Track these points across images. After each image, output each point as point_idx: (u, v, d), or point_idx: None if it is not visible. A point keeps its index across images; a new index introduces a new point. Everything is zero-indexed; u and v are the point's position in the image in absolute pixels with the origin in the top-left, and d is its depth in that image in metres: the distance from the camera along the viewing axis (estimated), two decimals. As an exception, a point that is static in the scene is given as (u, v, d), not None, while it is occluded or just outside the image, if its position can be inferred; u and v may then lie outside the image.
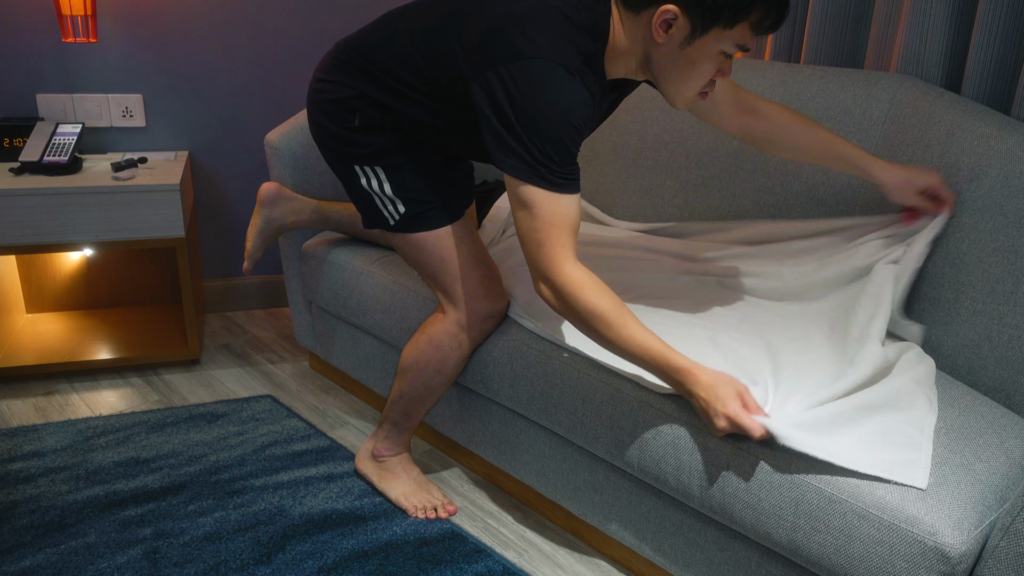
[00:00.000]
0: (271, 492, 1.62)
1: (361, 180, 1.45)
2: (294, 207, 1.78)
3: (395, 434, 1.60)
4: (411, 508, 1.57)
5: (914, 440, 1.11)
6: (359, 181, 1.45)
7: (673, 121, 1.90)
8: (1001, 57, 1.53)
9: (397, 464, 1.62)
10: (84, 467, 1.67)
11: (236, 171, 2.38)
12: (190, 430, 1.82)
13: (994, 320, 1.33)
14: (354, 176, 1.45)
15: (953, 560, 0.97)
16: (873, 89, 1.61)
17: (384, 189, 1.44)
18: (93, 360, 2.04)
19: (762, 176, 1.74)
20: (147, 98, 2.22)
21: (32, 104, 2.12)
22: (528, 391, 1.43)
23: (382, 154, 1.42)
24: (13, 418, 1.85)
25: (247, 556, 1.44)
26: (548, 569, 1.47)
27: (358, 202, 1.49)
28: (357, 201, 1.50)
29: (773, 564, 1.19)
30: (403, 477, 1.61)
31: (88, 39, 2.00)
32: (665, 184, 1.92)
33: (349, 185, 1.48)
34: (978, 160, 1.40)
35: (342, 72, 1.40)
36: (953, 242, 1.41)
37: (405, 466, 1.63)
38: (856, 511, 1.04)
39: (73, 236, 1.91)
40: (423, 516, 1.57)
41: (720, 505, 1.18)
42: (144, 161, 2.09)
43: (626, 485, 1.37)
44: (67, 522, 1.50)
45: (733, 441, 1.16)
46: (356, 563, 1.43)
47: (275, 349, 2.27)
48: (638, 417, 1.26)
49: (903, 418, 1.15)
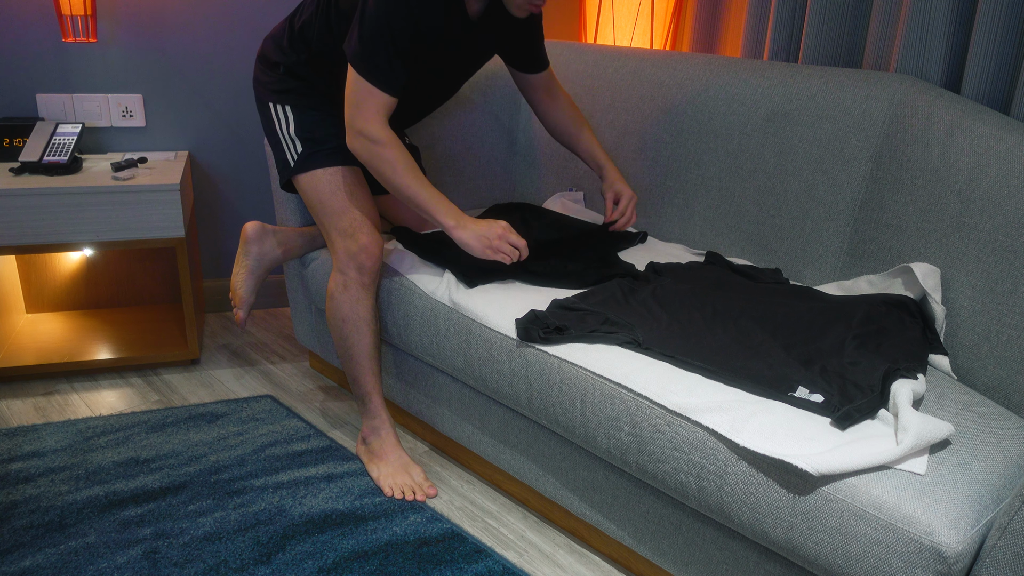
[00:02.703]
0: (271, 492, 1.62)
1: (275, 123, 1.69)
2: (281, 238, 1.82)
3: (364, 408, 1.70)
4: (387, 488, 1.63)
5: None
6: (273, 126, 1.69)
7: (673, 121, 1.90)
8: (1001, 57, 1.53)
9: (380, 446, 1.69)
10: (84, 467, 1.67)
11: (236, 171, 2.38)
12: (190, 430, 1.82)
13: (994, 320, 1.33)
14: (270, 118, 1.70)
15: (950, 559, 0.97)
16: (873, 89, 1.61)
17: (289, 130, 1.67)
18: (93, 360, 2.04)
19: (762, 176, 1.74)
20: (147, 98, 2.22)
21: (32, 104, 2.13)
22: (527, 390, 1.43)
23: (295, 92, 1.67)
24: (13, 418, 1.86)
25: (247, 556, 1.44)
26: (548, 569, 1.48)
27: (274, 152, 1.72)
28: (274, 151, 1.72)
29: (771, 563, 1.19)
30: (385, 459, 1.68)
31: (88, 39, 2.00)
32: (665, 184, 1.92)
33: (268, 131, 1.72)
34: (978, 160, 1.40)
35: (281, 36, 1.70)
36: (953, 242, 1.41)
37: (387, 448, 1.69)
38: (853, 510, 1.04)
39: (73, 236, 1.91)
40: (399, 496, 1.62)
41: (718, 504, 1.18)
42: (144, 161, 2.09)
43: (625, 485, 1.38)
44: (67, 522, 1.50)
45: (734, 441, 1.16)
46: (356, 563, 1.43)
47: (275, 349, 2.27)
48: (636, 417, 1.26)
49: None
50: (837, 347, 1.36)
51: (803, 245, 1.69)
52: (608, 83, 2.04)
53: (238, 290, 1.78)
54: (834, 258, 1.64)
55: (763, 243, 1.75)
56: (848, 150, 1.62)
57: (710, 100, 1.84)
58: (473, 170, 2.16)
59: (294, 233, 1.84)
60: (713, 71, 1.86)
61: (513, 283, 1.60)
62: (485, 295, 1.54)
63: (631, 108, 1.98)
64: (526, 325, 1.41)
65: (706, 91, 1.85)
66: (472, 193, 2.17)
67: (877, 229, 1.57)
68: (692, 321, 1.44)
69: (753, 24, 2.04)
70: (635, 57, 2.02)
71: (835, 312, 1.45)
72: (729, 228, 1.81)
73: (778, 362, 1.30)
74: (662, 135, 1.92)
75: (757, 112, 1.76)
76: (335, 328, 1.65)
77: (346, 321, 1.63)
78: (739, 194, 1.78)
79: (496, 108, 2.16)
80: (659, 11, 2.35)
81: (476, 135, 2.14)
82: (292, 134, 1.67)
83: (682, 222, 1.90)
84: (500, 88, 2.17)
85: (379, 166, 1.50)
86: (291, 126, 1.67)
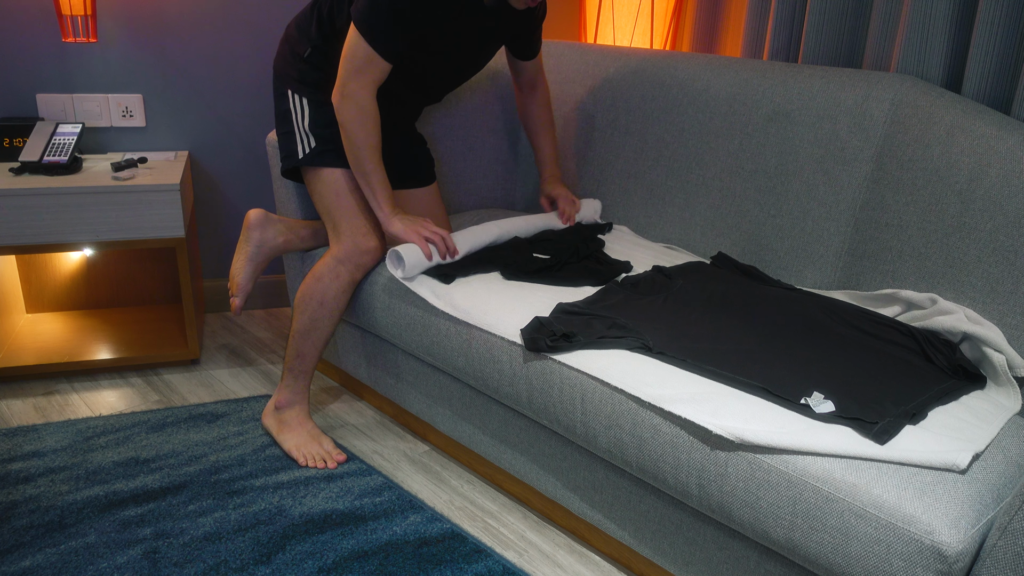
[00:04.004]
0: (271, 492, 1.62)
1: (290, 112, 1.71)
2: (283, 227, 1.82)
3: (292, 381, 1.74)
4: (301, 458, 1.71)
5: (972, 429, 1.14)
6: (289, 114, 1.71)
7: (673, 121, 1.90)
8: (1001, 57, 1.53)
9: (294, 417, 1.76)
10: (84, 467, 1.67)
11: (236, 171, 2.38)
12: (190, 430, 1.82)
13: (994, 320, 1.33)
14: (286, 106, 1.71)
15: (950, 559, 0.97)
16: (874, 89, 1.61)
17: (304, 122, 1.69)
18: (93, 360, 2.04)
19: (762, 176, 1.74)
20: (147, 98, 2.22)
21: (32, 104, 2.13)
22: (527, 390, 1.43)
23: (314, 86, 1.69)
24: (13, 418, 1.86)
25: (247, 556, 1.44)
26: (548, 569, 1.48)
27: (281, 140, 1.74)
28: (282, 137, 1.73)
29: (771, 563, 1.19)
30: (298, 430, 1.75)
31: (88, 39, 2.00)
32: (666, 184, 1.92)
33: (280, 117, 1.73)
34: (978, 160, 1.40)
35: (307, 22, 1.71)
36: (953, 242, 1.41)
37: (301, 419, 1.76)
38: (853, 510, 1.04)
39: (73, 236, 1.91)
40: (312, 465, 1.70)
41: (719, 504, 1.18)
42: (144, 161, 2.09)
43: (625, 484, 1.37)
44: (67, 522, 1.50)
45: (733, 440, 1.16)
46: (356, 563, 1.43)
47: (275, 349, 2.27)
48: (636, 416, 1.26)
49: None
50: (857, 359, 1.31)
51: (804, 245, 1.68)
52: (608, 83, 2.04)
53: (236, 277, 1.78)
54: (835, 258, 1.64)
55: (764, 243, 1.75)
56: (849, 150, 1.62)
57: (710, 100, 1.84)
58: (474, 170, 2.16)
59: (298, 224, 1.85)
60: (713, 71, 1.86)
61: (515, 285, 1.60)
62: (487, 301, 1.54)
63: (632, 108, 1.98)
64: (531, 334, 1.38)
65: (706, 91, 1.85)
66: (472, 193, 2.17)
67: (878, 229, 1.57)
68: (703, 325, 1.42)
69: (753, 24, 2.04)
70: (635, 57, 2.02)
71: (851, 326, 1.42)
72: (730, 228, 1.80)
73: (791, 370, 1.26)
74: (663, 135, 1.92)
75: (758, 112, 1.76)
76: (307, 306, 1.69)
77: (323, 305, 1.68)
78: (740, 194, 1.78)
79: (497, 108, 2.16)
80: (659, 11, 2.35)
81: (477, 135, 2.14)
82: (306, 127, 1.69)
83: (683, 222, 1.90)
84: (501, 88, 2.17)
85: (355, 132, 1.56)
86: (306, 119, 1.69)
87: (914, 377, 1.26)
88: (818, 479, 1.07)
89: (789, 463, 1.10)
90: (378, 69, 1.55)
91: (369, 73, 1.54)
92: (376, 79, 1.56)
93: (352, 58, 1.53)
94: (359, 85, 1.54)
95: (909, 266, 1.49)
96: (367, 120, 1.56)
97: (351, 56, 1.53)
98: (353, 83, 1.54)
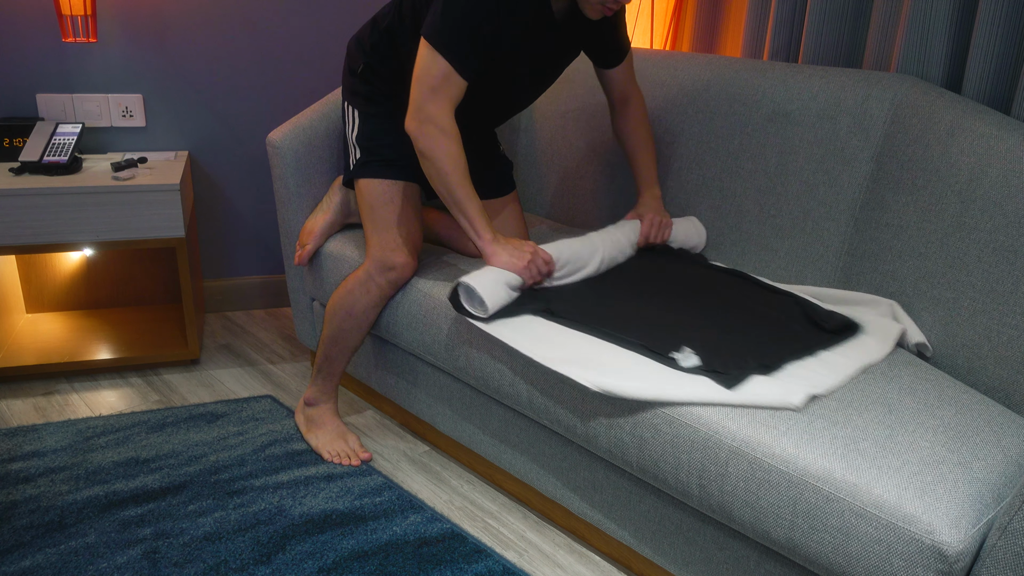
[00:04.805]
0: (271, 492, 1.62)
1: (345, 124, 1.74)
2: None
3: (321, 381, 1.77)
4: (326, 454, 1.75)
5: None
6: (344, 126, 1.74)
7: (673, 121, 1.90)
8: (1001, 57, 1.53)
9: (321, 415, 1.80)
10: (84, 467, 1.67)
11: (236, 171, 2.38)
12: (190, 430, 1.82)
13: (994, 320, 1.33)
14: (344, 118, 1.75)
15: (950, 559, 0.97)
16: (874, 89, 1.61)
17: (353, 135, 1.70)
18: (93, 360, 2.04)
19: (762, 176, 1.74)
20: (147, 98, 2.22)
21: (32, 104, 2.13)
22: (527, 390, 1.43)
23: (364, 98, 1.70)
24: (13, 418, 1.86)
25: (247, 556, 1.44)
26: (548, 569, 1.48)
27: (344, 150, 1.78)
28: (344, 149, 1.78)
29: (771, 563, 1.19)
30: (325, 427, 1.79)
31: (88, 39, 2.00)
32: (666, 184, 1.92)
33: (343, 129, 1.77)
34: (978, 160, 1.40)
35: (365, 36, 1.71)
36: (953, 242, 1.41)
37: (327, 417, 1.80)
38: (854, 510, 1.04)
39: (73, 236, 1.91)
40: (337, 461, 1.74)
41: (719, 504, 1.18)
42: (144, 161, 2.09)
43: (625, 484, 1.37)
44: (67, 522, 1.50)
45: (733, 440, 1.16)
46: (356, 563, 1.43)
47: (275, 349, 2.27)
48: (637, 416, 1.26)
49: None
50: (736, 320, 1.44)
51: (804, 245, 1.69)
52: (608, 83, 2.04)
53: (314, 229, 1.83)
54: (835, 258, 1.64)
55: (764, 243, 1.75)
56: (849, 150, 1.62)
57: (710, 100, 1.84)
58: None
59: None
60: (713, 71, 1.86)
61: None
62: None
63: (631, 108, 1.98)
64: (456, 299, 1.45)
65: (706, 91, 1.85)
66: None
67: (878, 229, 1.57)
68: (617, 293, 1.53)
69: (753, 24, 2.04)
70: (636, 57, 2.02)
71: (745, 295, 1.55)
72: (730, 228, 1.80)
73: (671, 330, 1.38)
74: (663, 135, 1.92)
75: (758, 112, 1.76)
76: (337, 317, 1.69)
77: (351, 317, 1.68)
78: (740, 194, 1.78)
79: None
80: (659, 11, 2.35)
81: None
82: (355, 139, 1.70)
83: (682, 222, 1.90)
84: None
85: (437, 157, 1.47)
86: (355, 131, 1.70)
87: (789, 338, 1.38)
88: (819, 479, 1.08)
89: (789, 463, 1.10)
90: (455, 87, 1.47)
91: (445, 92, 1.46)
92: (454, 98, 1.48)
93: (426, 77, 1.46)
94: (437, 106, 1.46)
95: (909, 266, 1.49)
96: (451, 143, 1.47)
97: (425, 75, 1.46)
98: (431, 105, 1.46)
